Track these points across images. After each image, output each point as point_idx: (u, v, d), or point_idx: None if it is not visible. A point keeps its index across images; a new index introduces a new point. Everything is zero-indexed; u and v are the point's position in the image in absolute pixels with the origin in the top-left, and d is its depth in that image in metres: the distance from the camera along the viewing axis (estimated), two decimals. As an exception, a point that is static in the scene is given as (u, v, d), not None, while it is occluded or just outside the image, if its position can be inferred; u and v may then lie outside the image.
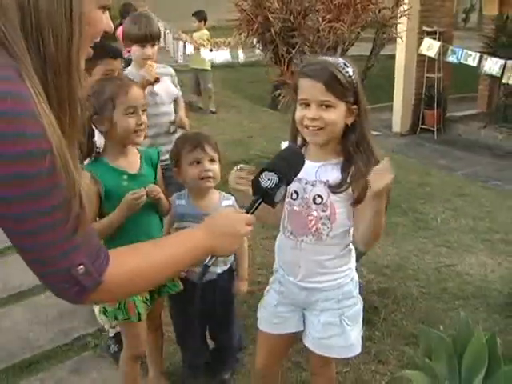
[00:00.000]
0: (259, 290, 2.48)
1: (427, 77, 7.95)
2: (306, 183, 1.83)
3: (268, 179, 1.34)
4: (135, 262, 1.10)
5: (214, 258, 1.26)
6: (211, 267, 2.14)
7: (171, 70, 3.27)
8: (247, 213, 1.33)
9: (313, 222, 1.83)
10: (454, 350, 2.00)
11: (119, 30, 8.84)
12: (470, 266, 3.70)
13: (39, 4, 0.92)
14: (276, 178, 1.33)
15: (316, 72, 1.74)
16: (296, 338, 2.06)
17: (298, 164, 1.47)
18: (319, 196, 1.81)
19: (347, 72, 1.74)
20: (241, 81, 10.19)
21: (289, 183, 1.41)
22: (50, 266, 0.98)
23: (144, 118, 2.10)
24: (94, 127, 2.05)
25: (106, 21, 1.06)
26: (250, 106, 8.68)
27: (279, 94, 4.40)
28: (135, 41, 3.04)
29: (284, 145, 1.85)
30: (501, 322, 3.04)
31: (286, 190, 1.40)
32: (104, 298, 1.15)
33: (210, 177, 2.17)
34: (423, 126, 8.06)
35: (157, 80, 3.01)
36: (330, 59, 1.83)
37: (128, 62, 3.26)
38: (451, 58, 7.61)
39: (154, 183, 2.15)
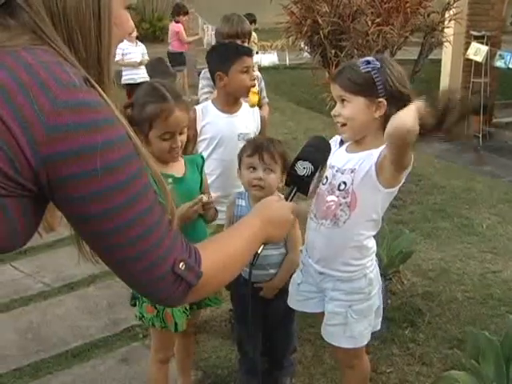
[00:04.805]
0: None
1: (473, 82, 7.83)
2: (337, 171, 1.95)
3: (303, 168, 1.40)
4: (221, 251, 1.09)
5: (263, 246, 1.28)
6: (269, 269, 2.25)
7: (257, 73, 3.36)
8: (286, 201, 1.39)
9: (332, 207, 1.94)
10: (501, 352, 2.01)
11: (175, 27, 9.11)
12: (516, 273, 3.66)
13: (67, 7, 0.89)
14: (311, 166, 1.40)
15: (334, 76, 2.01)
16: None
17: (326, 151, 1.56)
18: (344, 183, 1.92)
19: (365, 69, 1.87)
20: (284, 83, 10.24)
21: (321, 170, 1.49)
22: (157, 269, 0.95)
23: (183, 138, 2.05)
24: None
25: (130, 21, 1.02)
26: (294, 107, 8.71)
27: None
28: (227, 36, 3.16)
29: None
30: (547, 330, 3.00)
31: (317, 177, 1.48)
32: (203, 292, 1.07)
33: (259, 185, 2.15)
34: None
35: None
36: (352, 61, 2.09)
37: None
38: (499, 63, 7.49)
39: (200, 187, 2.16)
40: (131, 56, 7.29)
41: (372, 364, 2.35)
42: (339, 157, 1.96)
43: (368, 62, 1.89)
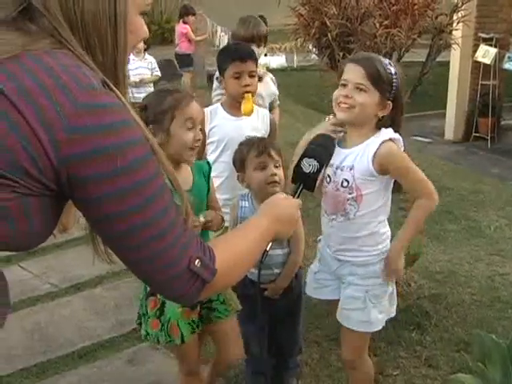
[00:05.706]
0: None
1: (482, 84, 7.80)
2: (337, 168, 2.03)
3: (309, 165, 1.45)
4: (231, 250, 1.11)
5: (271, 243, 1.29)
6: (274, 269, 2.28)
7: (270, 76, 3.43)
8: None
9: (341, 204, 2.03)
10: (508, 355, 2.00)
11: (182, 28, 9.15)
12: (524, 275, 3.64)
13: (84, 13, 0.92)
14: (317, 164, 1.45)
15: (360, 59, 2.03)
16: None
17: (331, 148, 1.61)
18: (346, 180, 2.01)
19: (389, 69, 1.97)
20: (292, 85, 10.22)
21: (326, 167, 1.54)
22: (172, 268, 0.97)
23: (201, 135, 2.04)
24: None
25: (144, 27, 1.05)
26: (302, 109, 8.71)
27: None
28: (243, 39, 3.15)
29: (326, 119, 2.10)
30: (555, 333, 2.98)
31: (322, 174, 1.53)
32: (215, 289, 1.09)
33: (276, 181, 2.17)
34: (476, 134, 7.90)
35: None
36: (376, 56, 2.12)
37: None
38: (508, 65, 7.46)
39: (207, 194, 2.15)
40: (137, 72, 6.58)
41: (379, 366, 2.35)
42: (337, 155, 1.99)
43: (391, 65, 1.98)
